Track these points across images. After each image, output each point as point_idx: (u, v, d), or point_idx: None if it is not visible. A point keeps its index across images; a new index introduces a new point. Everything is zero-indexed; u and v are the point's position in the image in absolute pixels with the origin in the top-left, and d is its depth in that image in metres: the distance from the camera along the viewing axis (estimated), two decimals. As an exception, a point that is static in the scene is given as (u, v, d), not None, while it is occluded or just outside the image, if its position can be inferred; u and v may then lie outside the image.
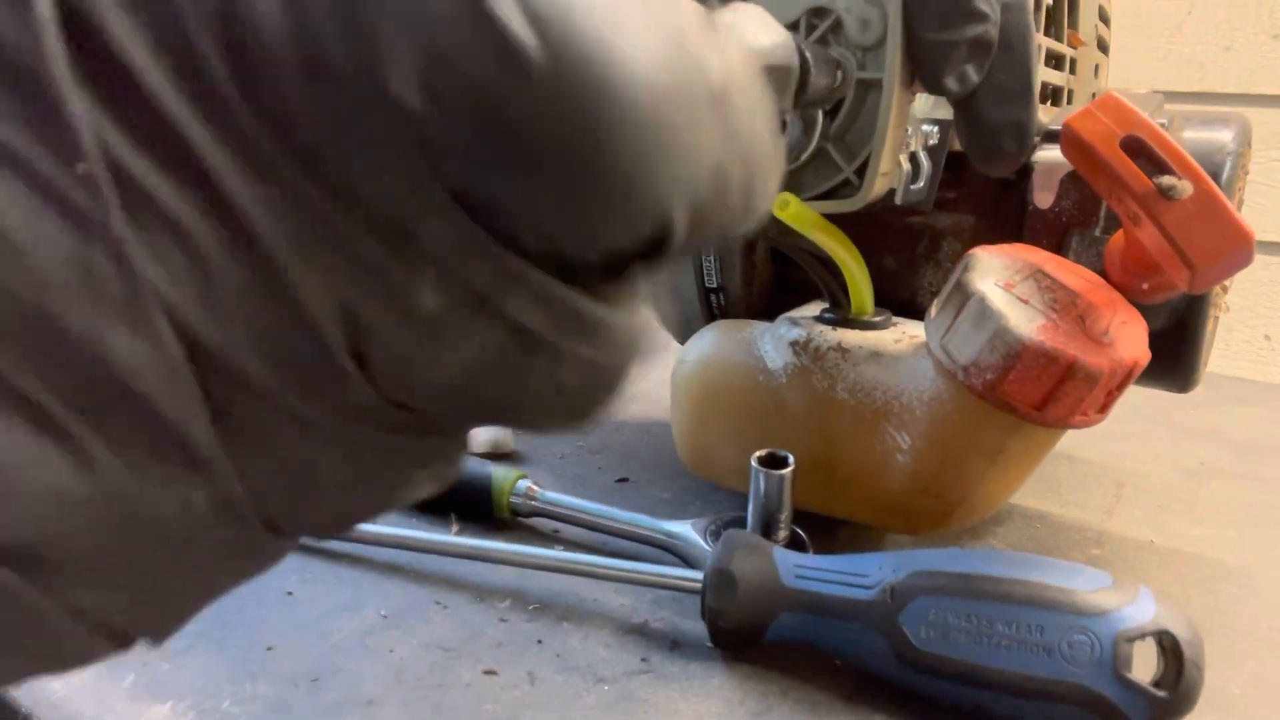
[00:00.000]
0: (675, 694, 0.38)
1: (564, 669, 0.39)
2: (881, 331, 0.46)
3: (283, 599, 0.43)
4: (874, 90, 0.39)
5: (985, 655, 0.35)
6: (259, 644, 0.40)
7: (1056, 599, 0.34)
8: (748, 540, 0.40)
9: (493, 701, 0.37)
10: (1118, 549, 0.52)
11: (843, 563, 0.39)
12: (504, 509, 0.50)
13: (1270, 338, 1.08)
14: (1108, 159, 0.37)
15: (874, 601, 0.37)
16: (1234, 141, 0.44)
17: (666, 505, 0.54)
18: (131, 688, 0.37)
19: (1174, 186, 0.35)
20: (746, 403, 0.47)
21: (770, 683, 0.39)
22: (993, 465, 0.41)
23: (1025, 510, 0.56)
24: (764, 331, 0.48)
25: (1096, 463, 0.64)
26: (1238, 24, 1.04)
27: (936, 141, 0.45)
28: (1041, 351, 0.36)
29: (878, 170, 0.39)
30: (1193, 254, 0.35)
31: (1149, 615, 0.34)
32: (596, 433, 0.66)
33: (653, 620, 0.43)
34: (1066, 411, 0.38)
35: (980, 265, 0.40)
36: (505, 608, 0.43)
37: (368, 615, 0.42)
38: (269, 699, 0.37)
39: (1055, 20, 0.52)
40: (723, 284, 0.54)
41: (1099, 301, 0.39)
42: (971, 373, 0.38)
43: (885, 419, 0.43)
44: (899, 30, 0.38)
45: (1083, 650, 0.33)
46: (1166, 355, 0.45)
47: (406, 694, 0.37)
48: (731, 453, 0.48)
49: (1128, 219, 0.38)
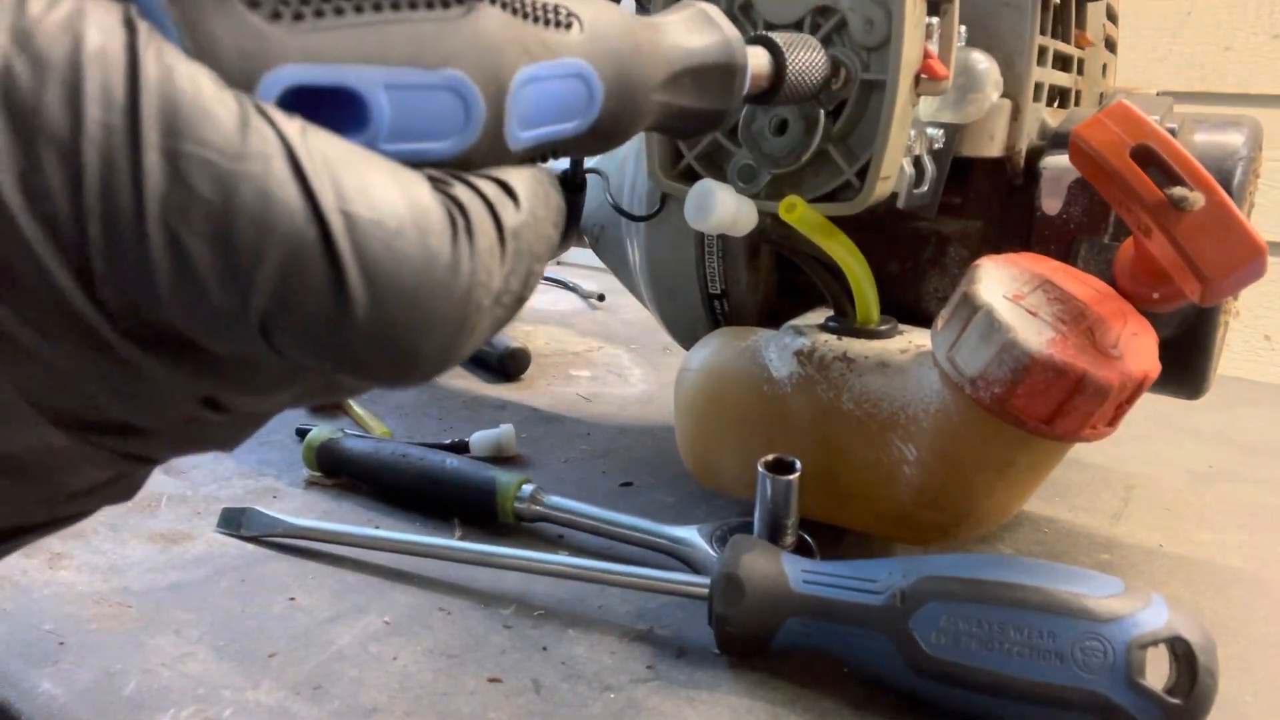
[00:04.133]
0: (682, 702, 0.37)
1: (569, 676, 0.39)
2: (887, 341, 0.45)
3: (285, 606, 0.43)
4: (877, 92, 0.39)
5: (997, 661, 0.34)
6: (261, 651, 0.40)
7: (1069, 605, 0.34)
8: (755, 545, 0.40)
9: (497, 710, 0.37)
10: (1127, 554, 0.51)
11: (851, 568, 0.38)
12: (508, 514, 0.50)
13: (1270, 338, 1.08)
14: (1118, 169, 0.36)
15: (883, 607, 0.36)
16: (1245, 146, 0.44)
17: (671, 510, 0.54)
18: (132, 695, 0.36)
19: (1186, 198, 0.35)
20: (751, 412, 0.47)
21: (778, 690, 0.38)
22: (1000, 478, 0.41)
23: (1033, 515, 0.55)
24: (768, 340, 0.48)
25: (1104, 467, 0.63)
26: (1238, 24, 1.04)
27: (942, 145, 0.45)
28: (1051, 365, 0.36)
29: (879, 173, 0.39)
30: (1205, 266, 0.35)
31: (1162, 621, 0.34)
32: (601, 437, 0.65)
33: (659, 627, 0.42)
34: (1075, 425, 0.37)
35: (987, 276, 0.39)
36: (509, 614, 0.43)
37: (370, 622, 0.42)
38: (271, 707, 0.36)
39: (1063, 21, 0.52)
40: (726, 289, 0.54)
41: (1108, 313, 0.38)
42: (979, 386, 0.38)
43: (891, 430, 0.43)
44: (904, 31, 0.37)
45: (1095, 656, 0.33)
46: (1177, 363, 0.45)
47: (410, 702, 0.37)
48: (736, 462, 0.48)
49: (1138, 229, 0.37)
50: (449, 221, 0.18)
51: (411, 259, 0.17)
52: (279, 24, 0.16)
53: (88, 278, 0.15)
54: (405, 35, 0.18)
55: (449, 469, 0.52)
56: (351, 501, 0.54)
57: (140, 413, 0.18)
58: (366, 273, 0.16)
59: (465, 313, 0.18)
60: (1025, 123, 0.46)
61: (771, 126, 0.41)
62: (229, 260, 0.15)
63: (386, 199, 0.17)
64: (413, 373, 0.18)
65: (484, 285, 0.18)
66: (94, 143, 0.14)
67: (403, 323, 0.17)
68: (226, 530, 0.49)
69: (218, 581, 0.45)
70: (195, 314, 0.16)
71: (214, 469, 0.57)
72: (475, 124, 0.19)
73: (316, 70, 0.17)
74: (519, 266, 0.19)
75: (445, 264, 0.17)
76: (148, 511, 0.51)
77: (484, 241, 0.18)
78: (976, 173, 0.49)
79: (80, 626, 0.41)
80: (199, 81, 0.15)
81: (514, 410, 0.71)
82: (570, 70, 0.21)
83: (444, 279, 0.17)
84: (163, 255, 0.15)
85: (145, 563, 0.46)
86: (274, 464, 0.58)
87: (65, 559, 0.46)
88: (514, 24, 0.20)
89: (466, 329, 0.18)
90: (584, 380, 0.79)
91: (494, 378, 0.79)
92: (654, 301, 0.58)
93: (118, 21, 0.15)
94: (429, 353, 0.18)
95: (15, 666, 0.38)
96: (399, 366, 0.18)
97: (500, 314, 0.19)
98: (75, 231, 0.15)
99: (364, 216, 0.16)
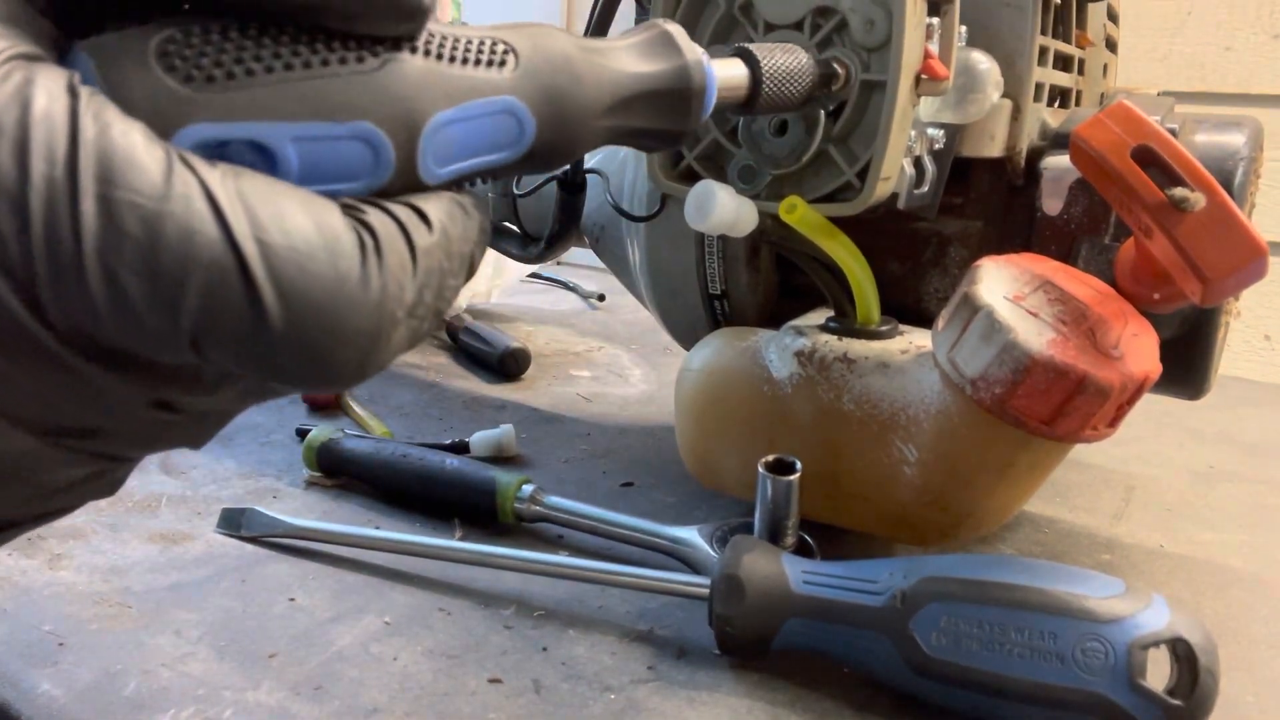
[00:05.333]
0: (682, 703, 0.37)
1: (570, 677, 0.39)
2: (888, 341, 0.45)
3: (285, 606, 0.43)
4: (878, 92, 0.39)
5: (998, 662, 0.34)
6: (261, 652, 0.40)
7: (1070, 605, 0.34)
8: (755, 546, 0.40)
9: (497, 710, 0.37)
10: (1127, 554, 0.51)
11: (852, 568, 0.38)
12: (508, 514, 0.50)
13: (1271, 338, 1.08)
14: (1118, 169, 0.36)
15: (884, 608, 0.36)
16: (1246, 147, 0.44)
17: (671, 510, 0.54)
18: (132, 695, 0.36)
19: (1187, 199, 0.35)
20: (751, 413, 0.47)
21: (779, 691, 0.38)
22: (1001, 479, 0.41)
23: (1033, 516, 0.55)
24: (769, 341, 0.47)
25: (1104, 467, 0.63)
26: (1238, 24, 1.04)
27: (942, 146, 0.45)
28: (1051, 366, 0.36)
29: (879, 174, 0.39)
30: (1206, 267, 0.35)
31: (1163, 622, 0.33)
32: (601, 437, 0.65)
33: (659, 627, 0.42)
34: (1076, 426, 0.37)
35: (988, 277, 0.39)
36: (509, 614, 0.43)
37: (370, 622, 0.42)
38: (271, 707, 0.36)
39: (1063, 21, 0.52)
40: (727, 290, 0.54)
41: (1109, 313, 0.38)
42: (980, 386, 0.38)
43: (892, 431, 0.43)
44: (904, 31, 0.37)
45: (1096, 658, 0.33)
46: (1178, 364, 0.45)
47: (410, 703, 0.37)
48: (737, 463, 0.48)
49: (1139, 230, 0.37)
50: (358, 243, 0.20)
51: (322, 277, 0.19)
52: (191, 86, 0.19)
53: (38, 306, 0.17)
54: (314, 91, 0.20)
55: (449, 469, 0.52)
56: (351, 502, 0.54)
57: (97, 417, 0.20)
58: (280, 291, 0.18)
59: (378, 325, 0.20)
60: (1026, 123, 0.46)
61: (772, 127, 0.41)
62: (157, 288, 0.17)
63: (298, 226, 0.19)
64: (333, 379, 0.20)
65: (396, 299, 0.20)
66: (39, 193, 0.17)
67: (317, 335, 0.19)
68: (226, 530, 0.49)
69: (218, 582, 0.45)
70: (132, 334, 0.18)
71: (214, 469, 0.57)
72: (385, 167, 0.21)
73: (225, 127, 0.19)
74: (431, 282, 0.21)
75: (355, 281, 0.19)
76: (148, 512, 0.51)
77: (394, 259, 0.20)
78: (977, 173, 0.49)
79: (80, 627, 0.41)
80: (131, 136, 0.17)
81: (514, 410, 0.71)
82: (498, 107, 0.23)
83: (354, 294, 0.19)
84: (100, 286, 0.17)
85: (145, 563, 0.46)
86: (274, 464, 0.58)
87: (65, 559, 0.46)
88: (434, 70, 0.21)
89: (382, 340, 0.20)
90: (584, 380, 0.79)
91: (494, 378, 0.79)
92: (654, 302, 0.58)
93: (63, 88, 0.17)
94: (346, 360, 0.20)
95: (15, 666, 0.38)
96: (318, 373, 0.20)
97: (416, 325, 0.21)
98: (25, 268, 0.17)
99: (277, 242, 0.18)
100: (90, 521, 0.50)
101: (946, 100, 0.43)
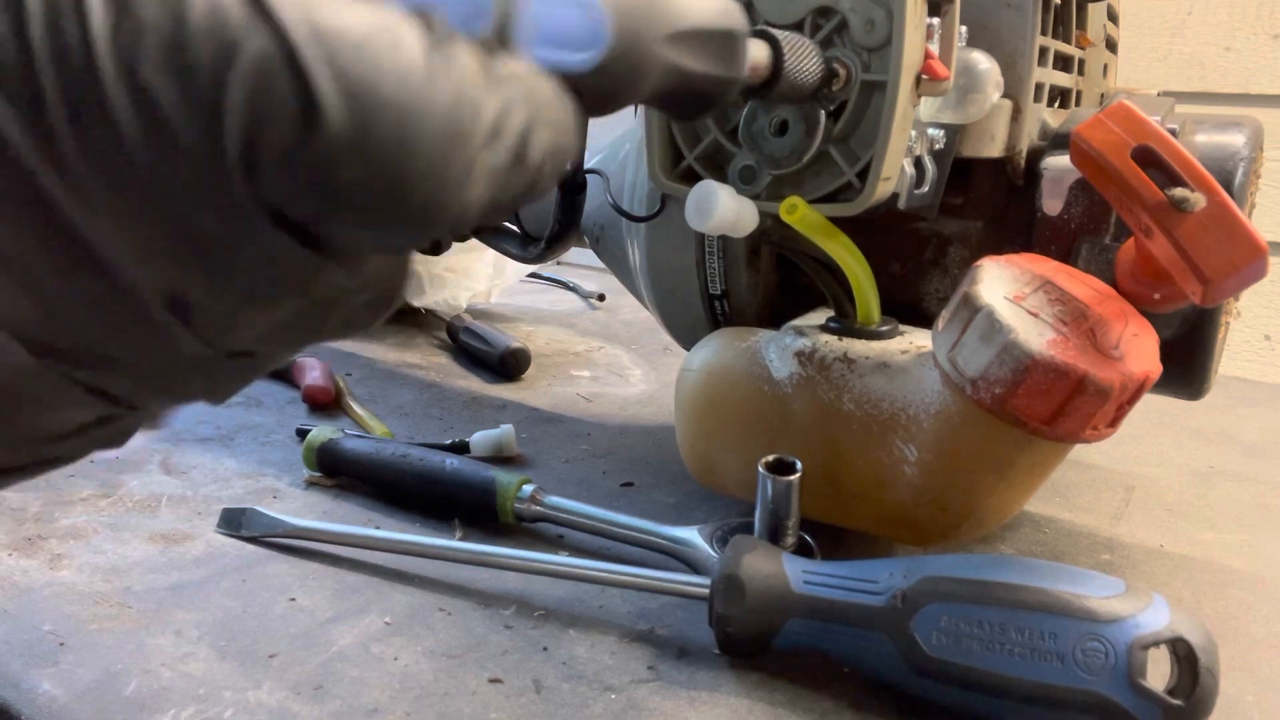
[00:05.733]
0: (683, 702, 0.37)
1: (570, 677, 0.39)
2: (888, 341, 0.45)
3: (285, 606, 0.43)
4: (878, 92, 0.39)
5: (998, 662, 0.34)
6: (261, 652, 0.40)
7: (1070, 605, 0.34)
8: (756, 546, 0.40)
9: (498, 710, 0.37)
10: (1127, 554, 0.51)
11: (852, 568, 0.38)
12: (508, 514, 0.50)
13: (1270, 338, 1.08)
14: (1119, 169, 0.36)
15: (884, 607, 0.36)
16: (1246, 147, 0.44)
17: (672, 510, 0.54)
18: (133, 695, 0.36)
19: (1187, 199, 0.35)
20: (752, 413, 0.47)
21: (779, 691, 0.38)
22: (1001, 479, 0.41)
23: (1034, 516, 0.55)
24: (769, 340, 0.47)
25: (1104, 467, 0.63)
26: (1238, 24, 1.04)
27: (942, 146, 0.45)
28: (1051, 366, 0.36)
29: (880, 174, 0.39)
30: (1206, 267, 0.35)
31: (1163, 622, 0.33)
32: (601, 437, 0.65)
33: (659, 627, 0.42)
34: (1076, 426, 0.37)
35: (988, 276, 0.39)
36: (510, 614, 0.43)
37: (371, 622, 0.42)
38: (271, 707, 0.36)
39: (1064, 21, 0.52)
40: (727, 290, 0.54)
41: (1110, 313, 0.38)
42: (980, 386, 0.38)
43: (892, 431, 0.43)
44: (905, 32, 0.37)
45: (1097, 658, 0.33)
46: (1178, 363, 0.45)
47: (410, 702, 0.37)
48: (737, 463, 0.48)
49: (1139, 230, 0.37)
50: (421, 35, 0.17)
51: (383, 67, 0.16)
52: None
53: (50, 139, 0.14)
54: None
55: (449, 469, 0.52)
56: (351, 502, 0.54)
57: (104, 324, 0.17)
58: (338, 82, 0.15)
59: (453, 132, 0.17)
60: (1026, 123, 0.46)
61: (772, 127, 0.41)
62: (192, 89, 0.14)
63: (349, 10, 0.16)
64: (405, 205, 0.17)
65: (470, 110, 0.17)
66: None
67: (382, 138, 0.16)
68: (226, 530, 0.49)
69: (218, 582, 0.45)
70: (167, 164, 0.15)
71: (214, 469, 0.57)
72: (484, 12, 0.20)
73: None
74: (512, 112, 0.18)
75: (420, 74, 0.16)
76: (148, 512, 0.51)
77: (465, 61, 0.18)
78: (977, 173, 0.49)
79: (80, 626, 0.41)
80: None
81: (514, 410, 0.71)
82: None
83: (421, 89, 0.16)
84: (120, 93, 0.14)
85: (145, 563, 0.46)
86: (274, 464, 0.58)
87: (65, 559, 0.46)
88: None
89: (457, 159, 0.17)
90: (584, 380, 0.79)
91: (494, 378, 0.79)
92: (654, 302, 0.58)
93: None
94: (418, 175, 0.17)
95: (15, 666, 0.38)
96: (387, 194, 0.16)
97: (498, 166, 0.18)
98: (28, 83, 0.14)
99: (328, 23, 0.15)
100: (90, 521, 0.50)
101: (947, 100, 0.43)
